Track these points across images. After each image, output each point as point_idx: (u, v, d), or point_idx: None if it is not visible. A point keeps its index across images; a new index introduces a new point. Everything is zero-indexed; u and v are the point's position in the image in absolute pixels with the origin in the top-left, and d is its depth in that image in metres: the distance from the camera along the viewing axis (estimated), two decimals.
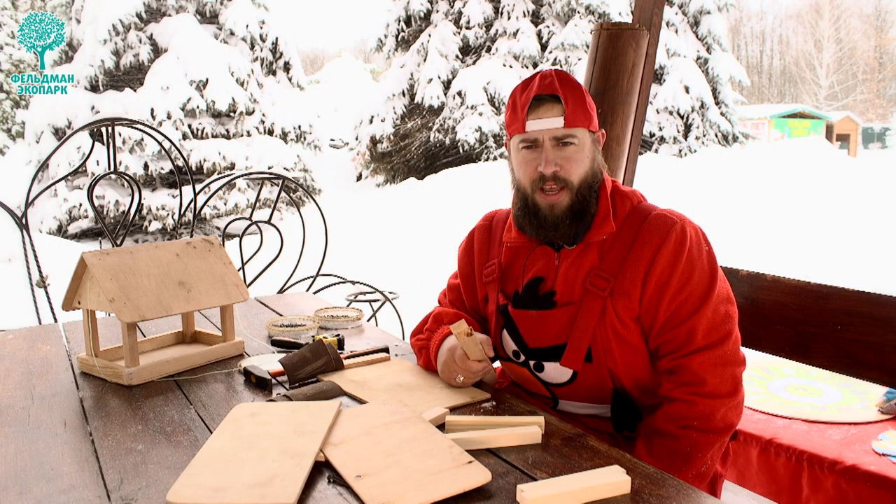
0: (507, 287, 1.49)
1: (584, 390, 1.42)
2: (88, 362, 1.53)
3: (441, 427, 1.19)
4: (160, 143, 3.18)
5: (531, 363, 1.45)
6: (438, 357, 1.45)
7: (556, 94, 1.36)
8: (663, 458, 1.31)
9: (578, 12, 15.51)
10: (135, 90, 12.05)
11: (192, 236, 2.27)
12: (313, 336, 1.79)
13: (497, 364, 1.68)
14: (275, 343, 1.76)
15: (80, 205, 11.27)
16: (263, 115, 12.71)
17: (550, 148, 1.37)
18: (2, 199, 2.61)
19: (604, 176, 1.44)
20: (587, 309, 1.36)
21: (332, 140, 20.51)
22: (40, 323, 2.66)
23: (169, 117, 11.68)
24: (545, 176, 1.36)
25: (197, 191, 3.03)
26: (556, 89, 1.36)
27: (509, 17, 15.73)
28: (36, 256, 2.69)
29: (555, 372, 1.42)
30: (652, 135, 16.06)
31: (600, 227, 1.39)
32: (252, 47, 13.12)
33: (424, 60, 15.80)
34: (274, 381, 1.47)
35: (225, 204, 11.61)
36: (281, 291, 3.03)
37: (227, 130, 12.46)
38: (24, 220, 2.62)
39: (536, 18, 16.12)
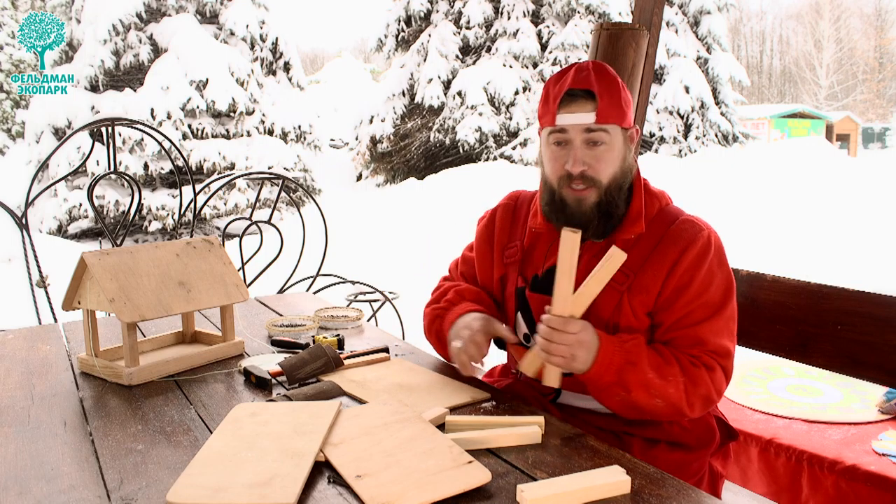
0: (527, 271, 1.49)
1: None
2: (88, 362, 1.53)
3: (441, 427, 1.19)
4: (160, 143, 3.18)
5: None
6: (454, 325, 1.44)
7: (590, 89, 1.33)
8: (611, 367, 1.27)
9: (578, 12, 15.51)
10: (135, 90, 12.04)
11: (192, 236, 2.27)
12: (313, 336, 1.79)
13: (501, 362, 1.68)
14: (275, 343, 1.76)
15: (80, 205, 11.26)
16: (263, 115, 12.70)
17: (580, 146, 1.35)
18: (2, 199, 2.61)
19: (636, 174, 1.43)
20: (603, 301, 1.35)
21: (332, 140, 20.50)
22: (40, 323, 2.66)
23: (169, 117, 11.67)
24: (573, 175, 1.36)
25: (197, 191, 3.03)
26: (590, 84, 1.33)
27: (509, 17, 15.73)
28: (36, 256, 2.69)
29: None
30: (652, 135, 16.06)
31: (631, 226, 1.39)
32: (252, 47, 13.10)
33: (424, 60, 15.80)
34: (274, 381, 1.47)
35: (225, 204, 11.60)
36: (281, 291, 3.03)
37: (227, 130, 12.45)
38: (24, 220, 2.62)
39: (536, 18, 16.11)
